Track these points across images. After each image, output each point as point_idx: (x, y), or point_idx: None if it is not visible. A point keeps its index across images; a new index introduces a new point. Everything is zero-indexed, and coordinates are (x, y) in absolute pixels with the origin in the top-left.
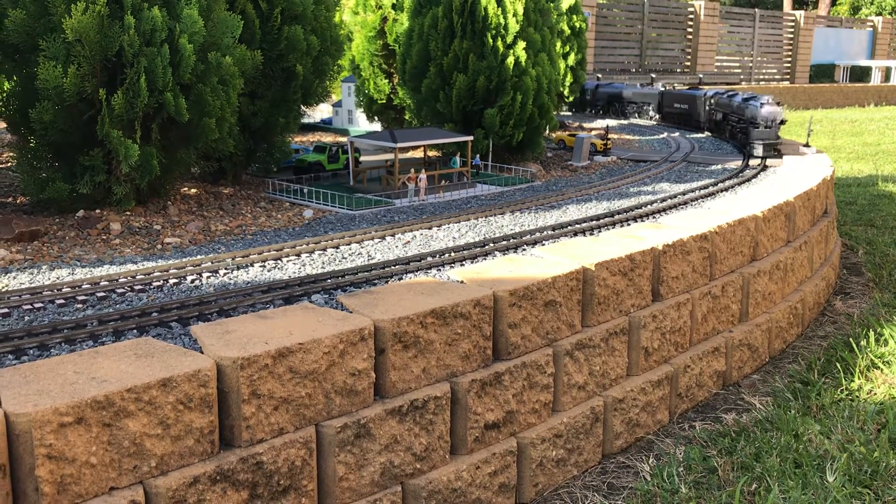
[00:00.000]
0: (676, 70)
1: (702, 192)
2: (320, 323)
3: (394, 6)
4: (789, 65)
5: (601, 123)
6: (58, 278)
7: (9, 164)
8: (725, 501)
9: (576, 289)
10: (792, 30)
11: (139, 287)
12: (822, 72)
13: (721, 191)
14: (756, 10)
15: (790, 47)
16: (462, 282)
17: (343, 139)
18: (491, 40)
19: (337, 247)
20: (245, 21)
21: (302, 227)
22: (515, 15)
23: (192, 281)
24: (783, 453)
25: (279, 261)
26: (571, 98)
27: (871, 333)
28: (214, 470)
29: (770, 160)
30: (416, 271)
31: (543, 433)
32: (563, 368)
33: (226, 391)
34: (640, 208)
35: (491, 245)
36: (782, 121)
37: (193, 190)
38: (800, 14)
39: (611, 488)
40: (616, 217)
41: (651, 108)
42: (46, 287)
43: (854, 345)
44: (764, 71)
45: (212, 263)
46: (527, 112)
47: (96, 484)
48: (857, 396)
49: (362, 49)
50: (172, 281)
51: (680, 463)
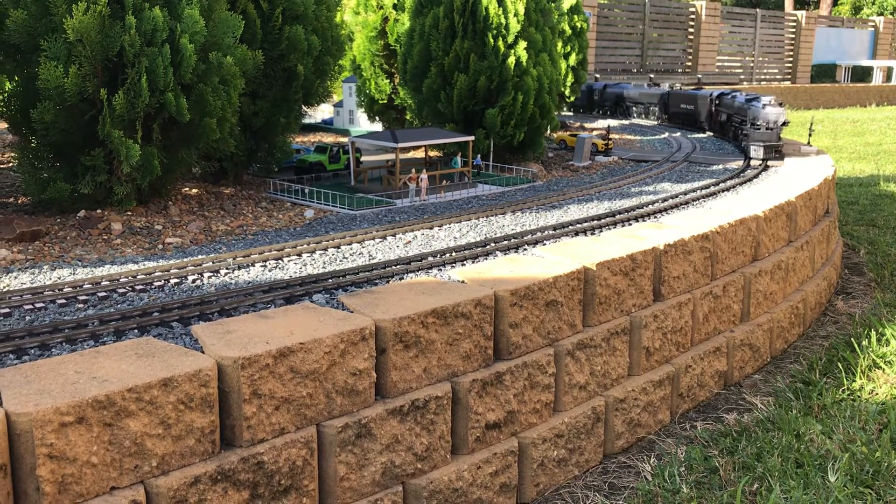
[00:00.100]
0: (678, 70)
1: (703, 192)
2: (321, 323)
3: (395, 6)
4: (791, 65)
5: (602, 123)
6: (59, 278)
7: (10, 165)
8: (727, 501)
9: (577, 288)
10: (793, 30)
11: (140, 287)
12: (824, 72)
13: (722, 191)
14: (757, 11)
15: (791, 47)
16: (463, 281)
17: (344, 139)
18: (492, 40)
19: (338, 247)
20: (246, 21)
21: (303, 227)
22: (516, 15)
23: (194, 281)
24: (785, 453)
25: (280, 261)
26: (573, 98)
27: (873, 333)
28: (215, 470)
29: (771, 160)
30: (418, 271)
31: (545, 433)
32: (565, 368)
33: (227, 391)
34: (642, 208)
35: (492, 245)
36: (784, 122)
37: (194, 190)
38: (801, 14)
39: (612, 488)
40: (617, 217)
41: (658, 109)
42: (48, 287)
43: (856, 345)
44: (765, 71)
45: (213, 263)
46: (528, 112)
47: (97, 484)
48: (859, 396)
49: (363, 49)
50: (173, 281)
51: (681, 463)
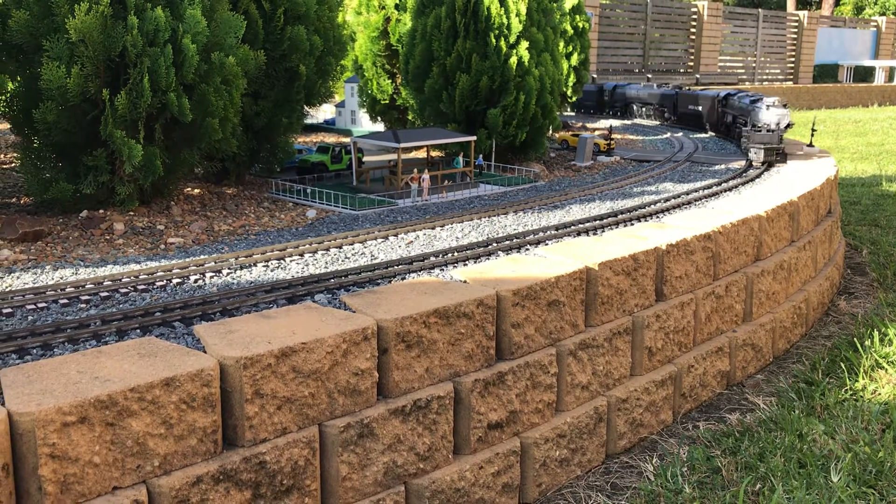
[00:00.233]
0: (679, 70)
1: (705, 192)
2: (323, 322)
3: (397, 6)
4: (793, 65)
5: (604, 123)
6: (61, 278)
7: (13, 165)
8: (729, 501)
9: (579, 288)
10: (795, 30)
11: (142, 287)
12: (826, 72)
13: (725, 191)
14: (759, 11)
15: (793, 47)
16: (465, 281)
17: (346, 139)
18: (494, 40)
19: (340, 247)
20: (248, 21)
21: (305, 227)
22: (518, 15)
23: (196, 281)
24: (787, 453)
25: (282, 260)
26: (574, 98)
27: (876, 333)
28: (217, 469)
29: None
30: (420, 271)
31: (547, 433)
32: (567, 368)
33: (229, 391)
34: (644, 208)
35: (494, 245)
36: (789, 125)
37: (197, 190)
38: (803, 14)
39: (614, 488)
40: (619, 217)
41: (667, 110)
42: (50, 287)
43: (858, 345)
44: (767, 71)
45: (215, 263)
46: (530, 112)
47: (99, 483)
48: (862, 396)
49: (365, 49)
50: (175, 281)
51: (683, 463)
